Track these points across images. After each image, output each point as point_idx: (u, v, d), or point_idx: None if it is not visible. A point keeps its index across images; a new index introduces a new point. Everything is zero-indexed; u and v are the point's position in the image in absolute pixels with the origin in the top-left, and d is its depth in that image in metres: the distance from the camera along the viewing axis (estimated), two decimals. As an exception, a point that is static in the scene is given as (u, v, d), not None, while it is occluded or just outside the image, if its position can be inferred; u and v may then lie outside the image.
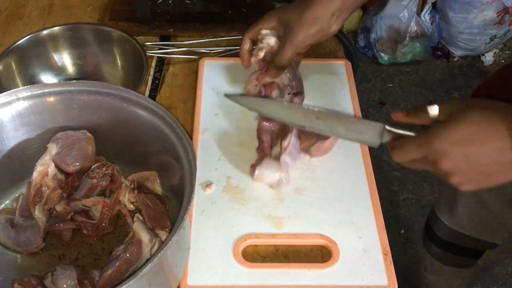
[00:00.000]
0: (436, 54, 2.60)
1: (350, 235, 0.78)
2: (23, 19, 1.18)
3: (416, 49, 2.49)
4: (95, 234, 0.77)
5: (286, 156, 0.84)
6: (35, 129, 0.79)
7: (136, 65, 0.98)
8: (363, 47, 2.57)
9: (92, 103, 0.78)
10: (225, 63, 1.04)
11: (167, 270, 0.66)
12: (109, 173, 0.79)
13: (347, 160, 0.88)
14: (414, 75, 2.54)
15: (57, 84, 0.78)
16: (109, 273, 0.66)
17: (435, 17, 2.50)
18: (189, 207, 0.63)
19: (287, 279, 0.73)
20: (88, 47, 1.05)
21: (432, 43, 2.54)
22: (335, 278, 0.74)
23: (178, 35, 1.14)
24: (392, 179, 2.07)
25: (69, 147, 0.77)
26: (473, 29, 2.42)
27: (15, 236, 0.75)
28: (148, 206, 0.77)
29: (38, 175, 0.75)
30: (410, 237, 1.89)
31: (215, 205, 0.82)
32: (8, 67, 0.98)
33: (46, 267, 0.74)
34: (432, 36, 2.51)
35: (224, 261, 0.75)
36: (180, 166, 0.71)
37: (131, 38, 1.01)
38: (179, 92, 1.02)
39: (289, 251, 0.78)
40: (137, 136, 0.79)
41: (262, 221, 0.80)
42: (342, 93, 0.99)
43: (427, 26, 2.47)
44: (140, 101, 0.76)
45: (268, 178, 0.82)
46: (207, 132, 0.91)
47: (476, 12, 2.37)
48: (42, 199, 0.75)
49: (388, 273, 0.74)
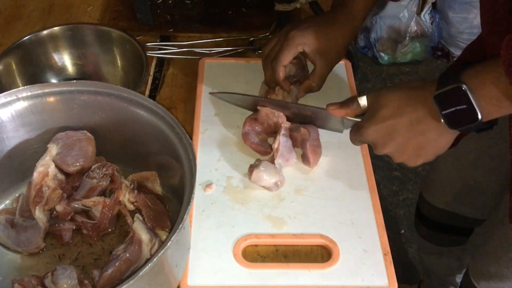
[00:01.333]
0: (436, 54, 2.60)
1: (350, 235, 0.78)
2: (23, 19, 1.18)
3: (416, 49, 2.49)
4: (95, 234, 0.77)
5: (279, 158, 0.84)
6: (35, 129, 0.79)
7: (136, 65, 0.98)
8: (363, 47, 2.57)
9: (92, 103, 0.78)
10: (225, 63, 1.04)
11: (167, 270, 0.66)
12: (109, 173, 0.79)
13: (347, 160, 0.88)
14: (414, 75, 2.54)
15: (57, 84, 0.78)
16: (109, 273, 0.66)
17: (435, 17, 2.50)
18: (189, 207, 0.63)
19: (287, 279, 0.73)
20: (88, 47, 1.05)
21: (432, 43, 2.54)
22: (335, 278, 0.74)
23: (178, 35, 1.14)
24: (392, 179, 2.07)
25: (70, 148, 0.77)
26: (473, 29, 2.42)
27: (15, 236, 0.75)
28: (148, 206, 0.77)
29: (38, 176, 0.75)
30: (410, 237, 1.89)
31: (215, 205, 0.82)
32: (8, 67, 0.98)
33: (46, 267, 0.74)
34: (432, 36, 2.51)
35: (224, 261, 0.75)
36: (180, 166, 0.71)
37: (131, 38, 1.01)
38: (179, 92, 1.02)
39: (289, 251, 0.78)
40: (137, 136, 0.79)
41: (262, 221, 0.80)
42: (342, 93, 0.99)
43: (427, 26, 2.47)
44: (140, 101, 0.76)
45: (265, 181, 0.82)
46: (207, 132, 0.91)
47: (476, 12, 2.37)
48: (42, 199, 0.75)
49: (388, 273, 0.74)
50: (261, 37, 1.12)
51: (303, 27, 0.87)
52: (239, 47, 1.10)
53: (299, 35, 0.86)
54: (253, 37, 1.12)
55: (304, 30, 0.86)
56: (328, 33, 0.86)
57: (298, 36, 0.86)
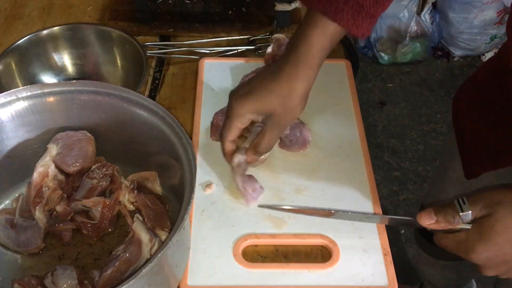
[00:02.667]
0: (436, 54, 2.60)
1: (350, 235, 0.78)
2: (23, 19, 1.18)
3: (416, 49, 2.49)
4: (95, 234, 0.77)
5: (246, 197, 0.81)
6: (35, 129, 0.79)
7: (136, 65, 0.98)
8: (363, 47, 2.57)
9: (92, 103, 0.78)
10: (225, 63, 1.04)
11: (167, 270, 0.66)
12: (109, 174, 0.79)
13: (347, 160, 0.88)
14: (414, 75, 2.54)
15: (57, 84, 0.78)
16: (109, 273, 0.66)
17: (435, 17, 2.50)
18: (189, 207, 0.63)
19: (287, 279, 0.73)
20: (88, 47, 1.05)
21: (432, 43, 2.54)
22: (335, 278, 0.74)
23: (178, 35, 1.14)
24: (392, 179, 2.07)
25: (70, 148, 0.77)
26: (473, 29, 2.42)
27: (15, 236, 0.75)
28: (148, 206, 0.77)
29: (38, 176, 0.75)
30: (410, 237, 1.89)
31: (215, 205, 0.82)
32: (8, 67, 0.98)
33: (46, 267, 0.74)
34: (432, 36, 2.51)
35: (224, 261, 0.75)
36: (180, 166, 0.70)
37: (131, 38, 1.01)
38: (179, 92, 1.02)
39: (289, 251, 0.78)
40: (137, 136, 0.79)
41: (262, 221, 0.80)
42: (342, 93, 0.99)
43: (427, 26, 2.47)
44: (140, 101, 0.76)
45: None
46: (207, 132, 0.91)
47: (476, 12, 2.37)
48: (42, 200, 0.75)
49: (388, 273, 0.74)
50: (261, 37, 1.12)
51: (245, 92, 0.74)
52: (239, 47, 1.10)
53: (241, 104, 0.74)
54: (253, 37, 1.12)
55: (247, 96, 0.74)
56: (274, 92, 0.72)
57: (241, 106, 0.74)
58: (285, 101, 0.72)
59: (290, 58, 0.72)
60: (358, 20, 0.70)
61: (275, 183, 0.85)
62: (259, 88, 0.73)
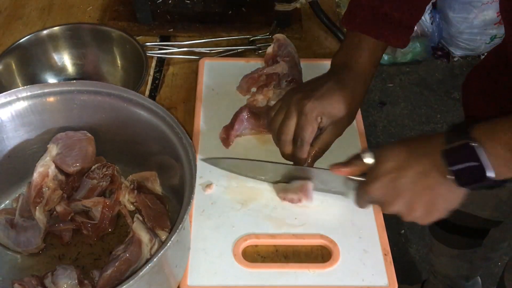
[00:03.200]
0: (436, 54, 2.60)
1: (350, 235, 0.78)
2: (23, 19, 1.18)
3: (416, 49, 2.49)
4: (95, 235, 0.77)
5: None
6: (35, 129, 0.79)
7: (136, 65, 0.98)
8: (363, 47, 2.57)
9: (92, 103, 0.78)
10: (225, 63, 1.04)
11: (167, 270, 0.66)
12: (109, 174, 0.79)
13: (347, 160, 0.88)
14: (414, 75, 2.54)
15: (57, 84, 0.78)
16: (109, 273, 0.66)
17: (435, 17, 2.50)
18: (189, 207, 0.63)
19: (287, 279, 0.73)
20: (88, 47, 1.05)
21: (432, 43, 2.54)
22: (335, 278, 0.74)
23: (178, 35, 1.14)
24: (392, 179, 2.07)
25: (70, 148, 0.77)
26: (473, 29, 2.42)
27: (15, 236, 0.75)
28: (148, 206, 0.77)
29: (38, 176, 0.75)
30: (410, 237, 1.89)
31: (215, 205, 0.82)
32: (8, 67, 0.98)
33: (46, 267, 0.74)
34: (432, 36, 2.51)
35: (224, 261, 0.75)
36: (180, 166, 0.70)
37: (131, 38, 1.01)
38: (179, 92, 1.02)
39: (289, 251, 0.78)
40: (137, 136, 0.79)
41: (262, 221, 0.80)
42: (342, 93, 0.99)
43: (427, 26, 2.47)
44: (140, 101, 0.76)
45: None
46: (207, 132, 0.91)
47: (476, 12, 2.37)
48: (42, 200, 0.75)
49: (388, 273, 0.74)
50: (261, 37, 1.12)
51: (318, 96, 0.79)
52: (239, 47, 1.10)
53: (317, 107, 0.78)
54: (253, 37, 1.12)
55: (320, 99, 0.79)
56: (341, 99, 0.80)
57: (316, 109, 0.78)
58: (349, 109, 0.80)
59: (349, 73, 0.82)
60: (397, 34, 0.82)
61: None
62: (329, 95, 0.80)
